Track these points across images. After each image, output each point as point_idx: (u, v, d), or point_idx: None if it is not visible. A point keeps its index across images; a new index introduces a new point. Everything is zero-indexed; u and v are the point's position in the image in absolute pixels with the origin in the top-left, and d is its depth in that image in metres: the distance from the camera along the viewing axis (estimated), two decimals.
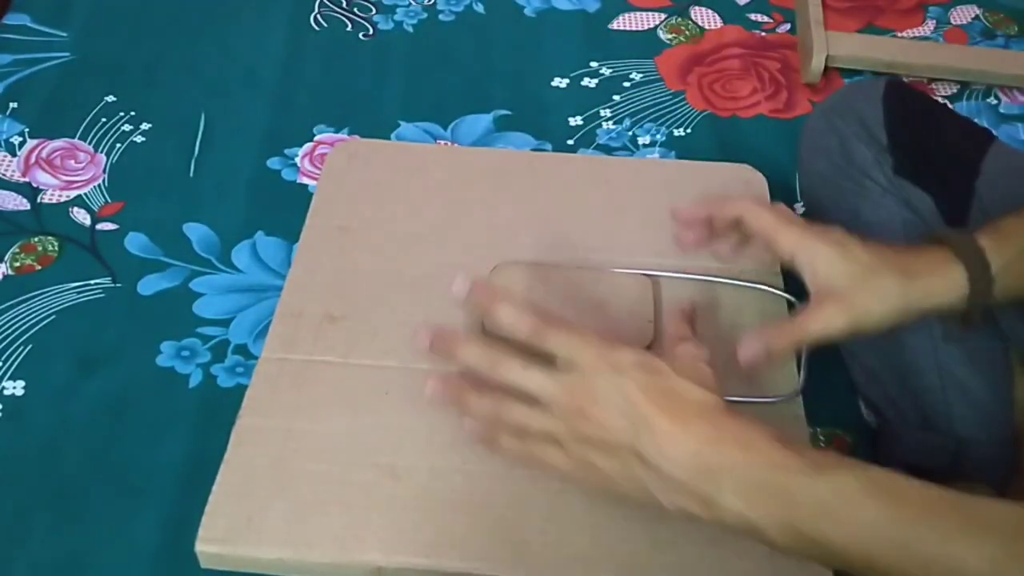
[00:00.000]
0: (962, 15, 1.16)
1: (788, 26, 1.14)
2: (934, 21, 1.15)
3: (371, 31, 1.11)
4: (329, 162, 0.80)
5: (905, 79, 1.05)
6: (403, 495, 0.59)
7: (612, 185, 0.79)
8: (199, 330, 0.78)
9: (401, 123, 0.98)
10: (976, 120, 1.00)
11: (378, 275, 0.71)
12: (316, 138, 0.96)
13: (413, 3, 1.15)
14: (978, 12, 1.16)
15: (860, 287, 0.55)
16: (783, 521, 0.45)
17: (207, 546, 0.56)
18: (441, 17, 1.13)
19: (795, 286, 0.63)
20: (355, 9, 1.14)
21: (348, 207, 0.76)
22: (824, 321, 0.56)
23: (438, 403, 0.56)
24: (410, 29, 1.11)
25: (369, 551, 0.56)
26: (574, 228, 0.75)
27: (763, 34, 1.13)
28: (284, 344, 0.66)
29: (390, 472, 0.60)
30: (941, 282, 0.56)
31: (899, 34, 1.13)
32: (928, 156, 0.72)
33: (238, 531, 0.57)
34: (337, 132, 0.97)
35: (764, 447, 0.47)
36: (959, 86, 1.06)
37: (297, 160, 0.94)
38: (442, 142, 0.97)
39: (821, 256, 0.56)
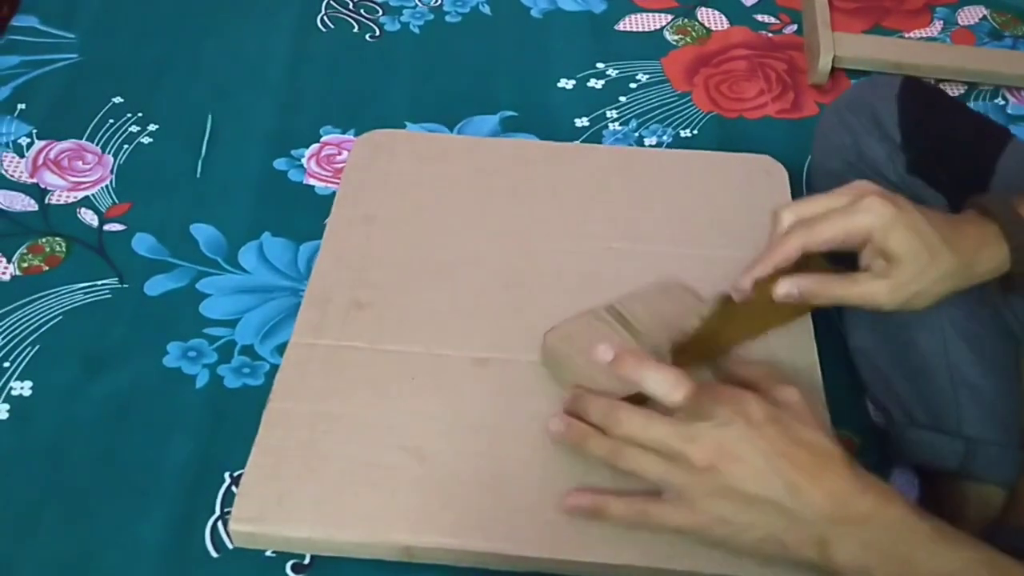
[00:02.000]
0: (969, 16, 1.16)
1: (795, 27, 1.13)
2: (941, 22, 1.15)
3: (377, 32, 1.11)
4: (354, 152, 0.81)
5: None
6: (430, 477, 0.60)
7: (634, 175, 0.80)
8: (206, 331, 0.78)
9: (408, 124, 0.98)
10: None
11: (404, 263, 0.72)
12: (323, 139, 0.96)
13: (419, 4, 1.15)
14: (986, 13, 1.16)
15: (920, 271, 0.55)
16: None
17: (240, 525, 0.58)
18: (447, 18, 1.13)
19: None
20: (361, 10, 1.14)
21: (373, 196, 0.77)
22: (870, 295, 0.56)
23: (559, 442, 0.58)
24: (416, 30, 1.12)
25: (397, 531, 0.58)
26: (597, 218, 0.76)
27: (770, 35, 1.12)
28: (313, 330, 0.67)
29: (417, 455, 0.61)
30: (986, 261, 0.57)
31: (906, 35, 1.13)
32: (942, 155, 0.72)
33: (269, 511, 0.58)
34: (344, 133, 0.97)
35: (896, 508, 0.50)
36: (966, 87, 1.05)
37: (304, 161, 0.94)
38: None
39: (894, 227, 0.54)
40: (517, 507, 0.58)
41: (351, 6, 1.15)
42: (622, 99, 1.03)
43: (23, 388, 0.74)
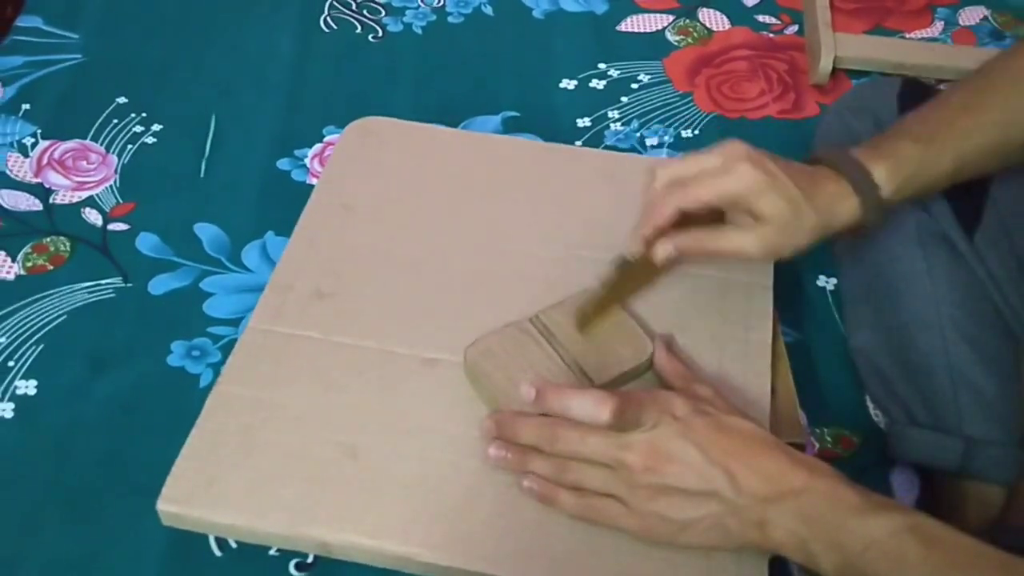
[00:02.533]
0: (970, 16, 1.16)
1: (796, 27, 1.14)
2: (942, 22, 1.15)
3: (380, 33, 1.11)
4: (344, 138, 0.81)
5: None
6: (359, 475, 0.60)
7: (619, 181, 0.78)
8: (209, 330, 0.79)
9: None
10: None
11: (374, 255, 0.72)
12: (326, 139, 0.97)
13: (422, 5, 1.15)
14: (987, 13, 1.16)
15: (783, 228, 0.60)
16: (836, 552, 0.49)
17: (167, 505, 0.58)
18: (450, 19, 1.13)
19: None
20: (364, 11, 1.14)
21: (355, 185, 0.76)
22: (739, 248, 0.61)
23: (501, 467, 0.59)
24: (419, 31, 1.12)
25: (317, 526, 0.58)
26: (574, 223, 0.75)
27: (771, 35, 1.13)
28: (271, 316, 0.67)
29: (350, 451, 0.61)
30: (842, 215, 0.62)
31: (907, 35, 1.13)
32: None
33: (198, 494, 0.59)
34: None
35: (825, 480, 0.51)
36: None
37: (307, 161, 0.94)
38: None
39: (764, 193, 0.59)
40: (439, 514, 0.58)
41: (354, 7, 1.15)
42: (624, 99, 1.03)
43: (28, 387, 0.74)
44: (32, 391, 0.74)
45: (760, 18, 1.15)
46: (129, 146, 0.95)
